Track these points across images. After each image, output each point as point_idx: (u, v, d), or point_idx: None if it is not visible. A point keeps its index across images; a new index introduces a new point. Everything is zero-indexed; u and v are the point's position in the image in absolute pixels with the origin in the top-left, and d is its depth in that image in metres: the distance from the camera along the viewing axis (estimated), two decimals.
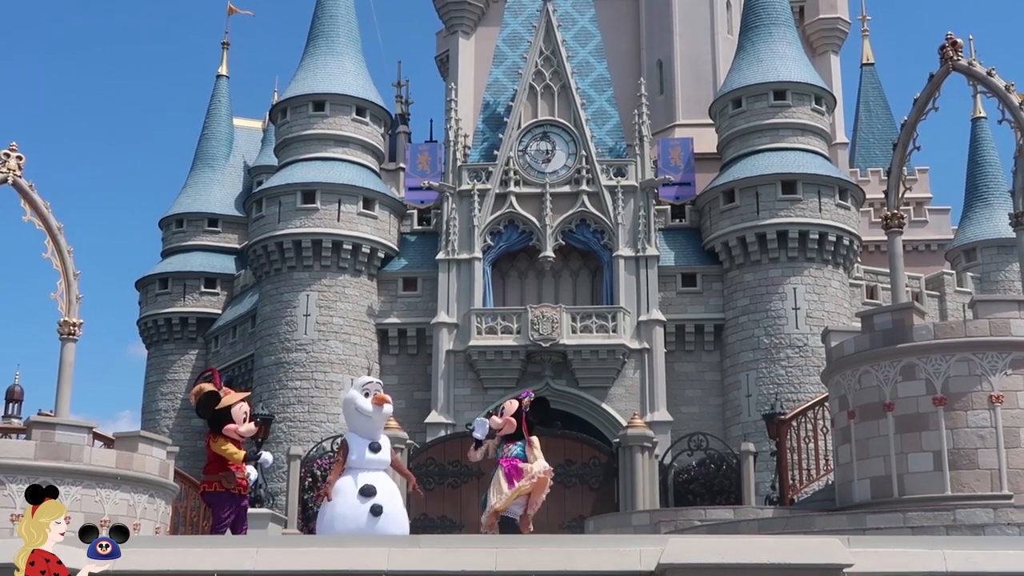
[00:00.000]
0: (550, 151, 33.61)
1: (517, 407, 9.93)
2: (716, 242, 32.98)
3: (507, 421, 9.85)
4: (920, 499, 14.81)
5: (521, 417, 9.87)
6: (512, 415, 9.87)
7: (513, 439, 9.88)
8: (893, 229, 20.47)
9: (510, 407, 9.92)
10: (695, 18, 39.22)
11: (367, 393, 9.19)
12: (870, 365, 15.95)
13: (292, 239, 33.05)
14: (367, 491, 8.91)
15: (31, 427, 15.30)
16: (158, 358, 39.04)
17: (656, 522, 17.78)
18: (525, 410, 9.93)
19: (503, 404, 10.15)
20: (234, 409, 9.43)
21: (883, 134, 44.68)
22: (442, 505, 23.22)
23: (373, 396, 9.18)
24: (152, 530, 15.84)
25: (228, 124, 42.52)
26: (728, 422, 31.78)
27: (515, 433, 9.87)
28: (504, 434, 9.89)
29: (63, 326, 18.83)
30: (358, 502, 8.88)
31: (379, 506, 8.86)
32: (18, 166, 18.49)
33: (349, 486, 9.00)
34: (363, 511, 8.84)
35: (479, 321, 31.82)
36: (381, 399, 9.18)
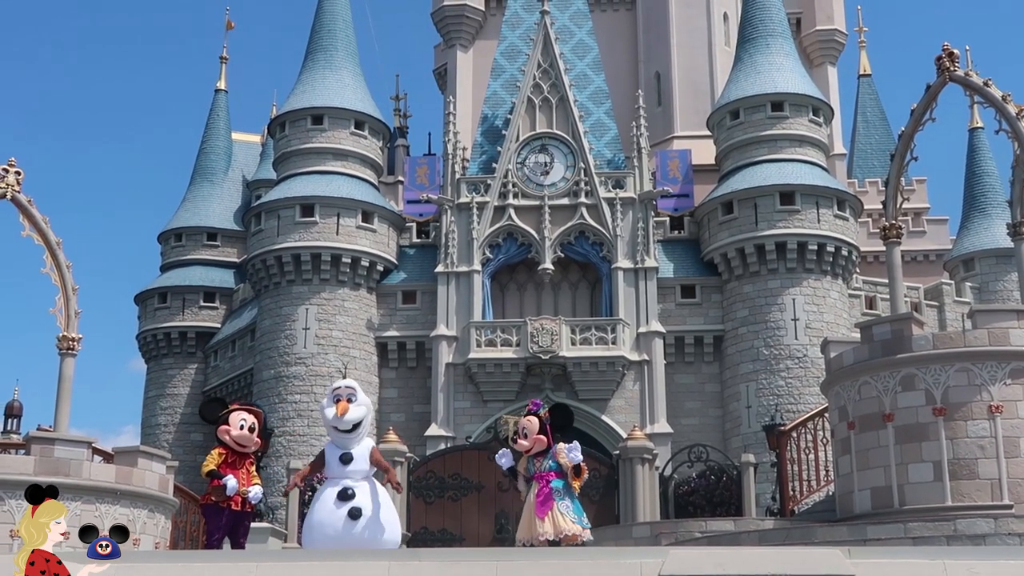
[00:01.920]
0: (549, 163, 33.65)
1: (539, 423, 9.63)
2: (715, 253, 33.01)
3: (536, 440, 9.43)
4: (921, 509, 14.79)
5: (546, 431, 9.57)
6: (538, 433, 9.57)
7: (542, 453, 9.58)
8: (891, 239, 20.49)
9: (531, 425, 9.41)
10: (692, 30, 39.37)
11: (337, 399, 8.83)
12: (869, 376, 15.93)
13: (291, 253, 33.07)
14: (343, 495, 8.64)
15: (30, 442, 15.28)
16: (157, 372, 39.02)
17: (657, 534, 17.75)
18: (547, 422, 9.63)
19: (520, 423, 9.50)
20: (232, 416, 9.37)
21: (881, 145, 44.77)
22: (442, 518, 23.18)
23: (337, 405, 8.80)
24: (152, 545, 15.82)
25: (227, 138, 42.59)
26: (728, 433, 31.77)
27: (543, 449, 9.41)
28: (533, 453, 9.44)
29: (62, 341, 18.83)
30: (335, 507, 8.62)
31: (357, 509, 8.57)
32: (17, 181, 18.52)
33: (328, 493, 8.76)
34: (340, 516, 8.57)
35: (478, 334, 31.82)
36: (342, 409, 8.76)
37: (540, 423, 9.43)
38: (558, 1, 36.57)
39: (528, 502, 9.28)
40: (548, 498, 9.17)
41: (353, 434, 8.91)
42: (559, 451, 9.36)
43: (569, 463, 9.30)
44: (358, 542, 8.52)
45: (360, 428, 8.97)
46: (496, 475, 23.34)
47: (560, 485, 9.28)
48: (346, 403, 8.84)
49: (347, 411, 8.81)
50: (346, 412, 8.80)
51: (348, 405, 8.84)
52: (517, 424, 9.59)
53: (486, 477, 22.97)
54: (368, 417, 9.07)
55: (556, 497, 9.18)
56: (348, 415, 8.81)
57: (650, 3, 40.57)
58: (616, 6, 41.57)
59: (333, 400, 8.90)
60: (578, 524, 9.19)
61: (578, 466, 9.35)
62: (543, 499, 9.18)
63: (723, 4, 40.18)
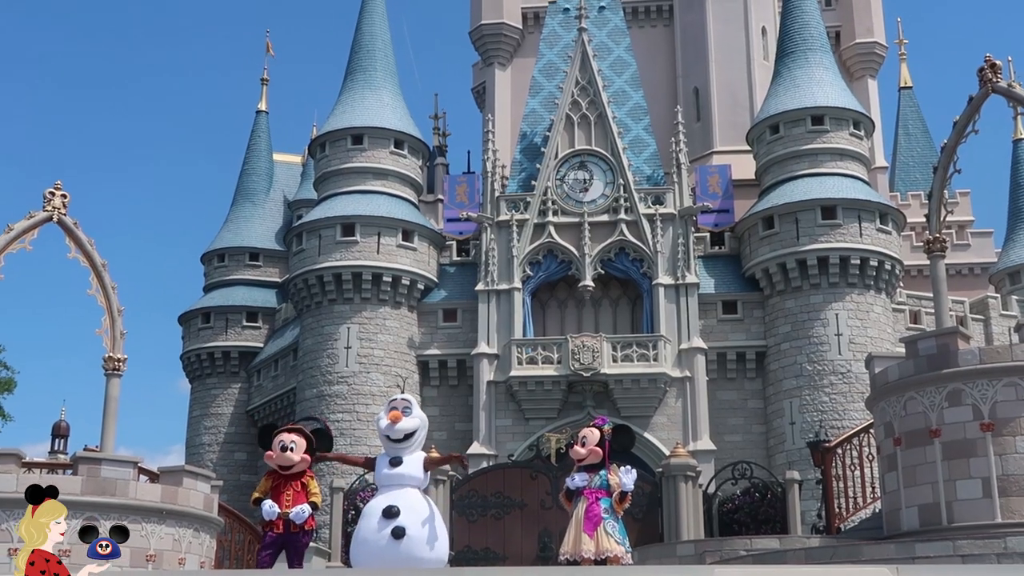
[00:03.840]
0: (588, 180, 33.62)
1: (599, 436, 9.64)
2: (756, 269, 32.82)
3: (592, 451, 9.45)
4: (970, 527, 14.57)
5: (604, 446, 9.57)
6: (596, 445, 9.57)
7: (594, 468, 9.58)
8: (935, 253, 20.23)
9: (592, 436, 9.47)
10: (730, 45, 39.26)
11: (392, 409, 9.11)
12: (915, 391, 15.75)
13: (332, 272, 33.24)
14: (388, 512, 8.68)
15: (77, 462, 15.41)
16: (201, 392, 39.30)
17: (701, 552, 17.61)
18: (608, 438, 9.62)
19: (582, 432, 9.59)
20: (274, 440, 9.52)
21: (923, 157, 44.40)
22: (485, 537, 23.14)
23: (390, 414, 9.06)
24: (197, 564, 15.88)
25: (268, 159, 42.96)
26: (772, 450, 31.50)
27: (597, 463, 9.44)
28: (586, 464, 9.51)
29: (108, 362, 18.98)
30: (379, 525, 8.65)
31: (400, 528, 8.58)
32: (62, 204, 18.71)
33: (374, 508, 8.83)
34: (384, 534, 8.59)
35: (519, 351, 31.79)
36: (394, 416, 9.02)
37: (601, 436, 9.47)
38: (596, 18, 36.64)
39: (576, 517, 9.29)
40: (598, 516, 9.19)
41: (405, 444, 9.05)
42: (614, 469, 9.39)
43: (619, 486, 9.31)
44: (400, 562, 8.50)
45: (412, 439, 9.13)
46: (539, 493, 23.32)
47: (608, 504, 9.29)
48: (399, 413, 9.04)
49: (399, 420, 9.01)
50: (398, 421, 9.00)
51: (401, 415, 9.04)
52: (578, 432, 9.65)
53: (529, 495, 22.93)
54: (422, 432, 9.22)
55: (605, 516, 9.21)
56: (400, 424, 9.03)
57: (688, 18, 40.52)
58: (654, 22, 41.57)
59: (388, 410, 9.12)
60: (622, 545, 9.20)
61: (624, 492, 9.35)
62: (592, 516, 9.21)
63: (761, 18, 40.05)
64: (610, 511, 9.28)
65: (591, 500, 9.25)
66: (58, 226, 18.88)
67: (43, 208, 18.57)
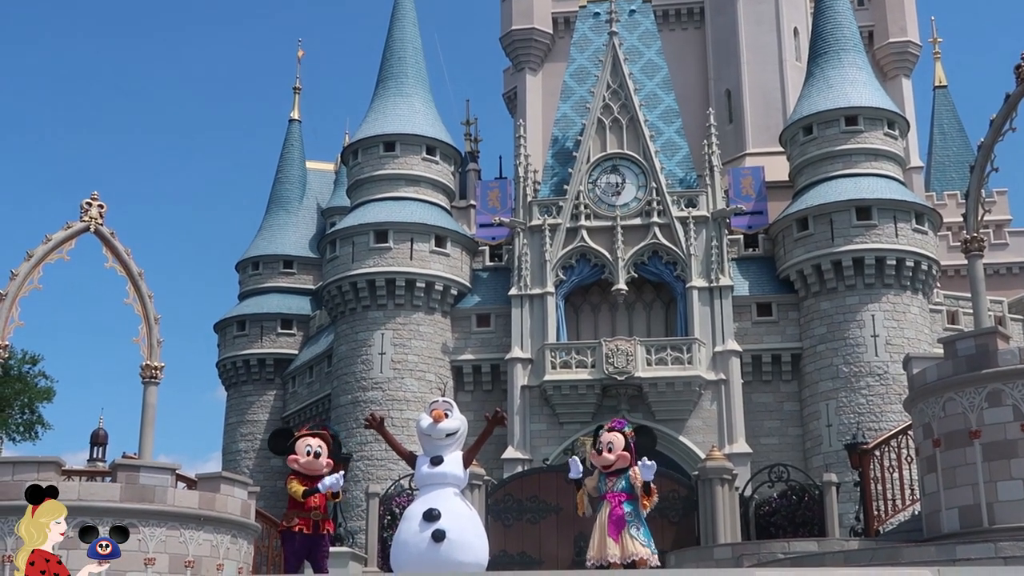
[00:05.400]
0: (620, 184, 33.57)
1: (624, 440, 9.61)
2: (791, 270, 32.64)
3: (620, 456, 9.44)
4: (1011, 528, 14.40)
5: (631, 449, 9.55)
6: (623, 449, 9.55)
7: (617, 472, 9.57)
8: (973, 253, 20.03)
9: (617, 441, 9.50)
10: (762, 46, 39.14)
11: (433, 410, 9.23)
12: (954, 392, 15.61)
13: (366, 278, 33.35)
14: (429, 515, 8.71)
15: (116, 470, 15.51)
16: (237, 399, 39.56)
17: (739, 555, 17.51)
18: (633, 441, 9.61)
19: (605, 437, 9.60)
20: (298, 444, 9.63)
21: (958, 156, 44.03)
22: (521, 541, 23.10)
23: (431, 412, 9.18)
24: (235, 570, 15.97)
25: (301, 167, 43.21)
26: (808, 452, 31.31)
27: (624, 467, 9.44)
28: (613, 469, 9.45)
29: (145, 370, 19.11)
30: (419, 528, 8.68)
31: (441, 531, 8.60)
32: (99, 214, 18.88)
33: (415, 511, 8.87)
34: (424, 537, 8.61)
35: (553, 356, 31.77)
36: (437, 415, 9.12)
37: (625, 440, 9.45)
38: (627, 22, 36.60)
39: (600, 522, 9.31)
40: (621, 520, 9.19)
41: (445, 442, 9.12)
42: (634, 468, 9.37)
43: (639, 480, 9.29)
44: (441, 565, 8.52)
45: (453, 439, 9.22)
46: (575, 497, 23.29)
47: (631, 508, 9.28)
48: (442, 412, 9.15)
49: (442, 419, 9.11)
50: (441, 420, 9.10)
51: (444, 415, 9.15)
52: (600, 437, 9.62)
53: (564, 499, 22.86)
54: (462, 431, 9.28)
55: (628, 519, 9.20)
56: (443, 424, 9.12)
57: (719, 21, 40.42)
58: (685, 25, 41.51)
59: (430, 411, 9.21)
60: (647, 548, 9.19)
61: (648, 484, 9.33)
62: (616, 520, 9.21)
63: (793, 19, 39.89)
64: (634, 513, 9.28)
65: (614, 504, 9.25)
66: (95, 236, 19.04)
67: (80, 218, 18.75)
